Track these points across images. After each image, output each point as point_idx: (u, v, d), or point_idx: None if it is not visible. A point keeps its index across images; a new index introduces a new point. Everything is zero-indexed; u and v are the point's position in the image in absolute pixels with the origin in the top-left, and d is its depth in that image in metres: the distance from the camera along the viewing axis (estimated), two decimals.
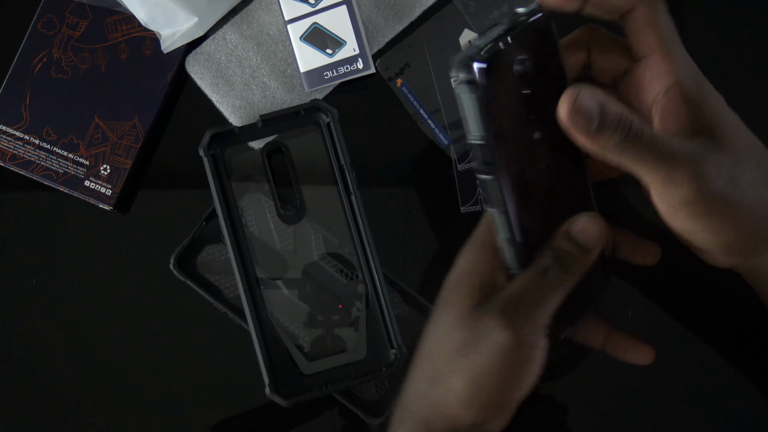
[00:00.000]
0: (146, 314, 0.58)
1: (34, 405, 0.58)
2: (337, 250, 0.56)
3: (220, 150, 0.55)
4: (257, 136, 0.56)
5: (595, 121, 0.37)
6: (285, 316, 0.55)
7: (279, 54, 0.59)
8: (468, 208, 0.57)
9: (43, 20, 0.58)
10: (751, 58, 0.59)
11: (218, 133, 0.55)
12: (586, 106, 0.37)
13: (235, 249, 0.54)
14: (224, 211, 0.54)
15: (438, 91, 0.58)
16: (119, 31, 0.58)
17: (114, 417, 0.58)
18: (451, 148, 0.58)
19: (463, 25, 0.58)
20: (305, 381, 0.54)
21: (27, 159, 0.57)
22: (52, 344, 0.58)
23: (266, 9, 0.59)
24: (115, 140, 0.58)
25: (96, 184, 0.57)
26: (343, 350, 0.55)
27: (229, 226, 0.54)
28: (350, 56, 0.57)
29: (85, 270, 0.59)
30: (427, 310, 0.55)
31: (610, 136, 0.37)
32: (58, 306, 0.58)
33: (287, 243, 0.56)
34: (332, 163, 0.56)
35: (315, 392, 0.53)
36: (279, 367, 0.54)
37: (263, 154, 0.55)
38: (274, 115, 0.55)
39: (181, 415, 0.58)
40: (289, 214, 0.55)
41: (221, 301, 0.55)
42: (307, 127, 0.56)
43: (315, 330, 0.55)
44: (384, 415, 0.54)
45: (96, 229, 0.59)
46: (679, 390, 0.57)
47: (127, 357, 0.58)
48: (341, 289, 0.55)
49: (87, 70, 0.58)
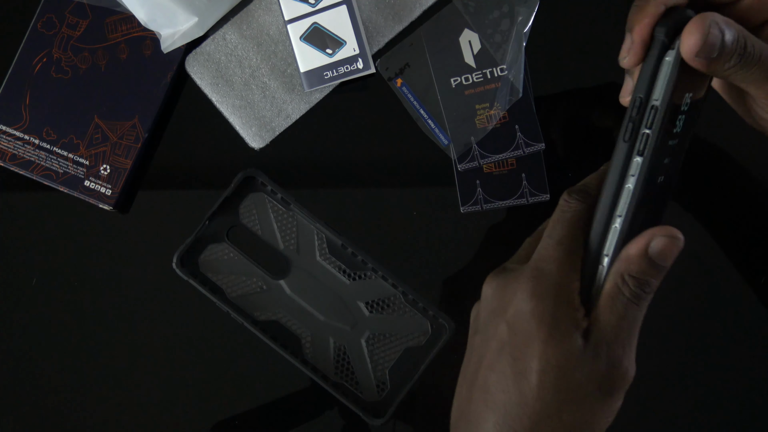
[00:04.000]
0: (147, 314, 0.58)
1: (34, 405, 0.58)
2: (340, 250, 0.56)
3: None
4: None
5: (716, 51, 0.37)
6: (289, 315, 0.55)
7: (279, 54, 0.59)
8: (468, 208, 0.57)
9: (43, 20, 0.58)
10: None
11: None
12: (713, 38, 0.37)
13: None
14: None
15: (438, 91, 0.58)
16: (119, 31, 0.58)
17: (115, 416, 0.58)
18: (451, 148, 0.58)
19: (463, 25, 0.58)
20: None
21: (27, 159, 0.57)
22: (52, 344, 0.58)
23: (266, 9, 0.59)
24: (115, 140, 0.57)
25: (96, 184, 0.57)
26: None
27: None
28: (350, 56, 0.57)
29: (86, 270, 0.58)
30: (427, 310, 0.55)
31: (726, 61, 0.38)
32: (58, 306, 0.58)
33: (290, 243, 0.56)
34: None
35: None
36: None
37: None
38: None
39: (182, 414, 0.58)
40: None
41: (223, 301, 0.55)
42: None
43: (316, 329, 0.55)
44: (385, 415, 0.54)
45: (96, 229, 0.59)
46: (680, 390, 0.57)
47: (128, 357, 0.58)
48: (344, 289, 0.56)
49: (87, 70, 0.58)
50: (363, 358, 0.55)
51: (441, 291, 0.58)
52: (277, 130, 0.58)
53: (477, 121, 0.58)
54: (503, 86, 0.57)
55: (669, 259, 0.39)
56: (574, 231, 0.40)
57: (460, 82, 0.58)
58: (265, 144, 0.58)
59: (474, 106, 0.58)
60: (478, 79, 0.58)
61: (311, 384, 0.57)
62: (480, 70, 0.58)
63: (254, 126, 0.58)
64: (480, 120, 0.58)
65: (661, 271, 0.39)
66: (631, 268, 0.39)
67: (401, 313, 0.56)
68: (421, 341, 0.56)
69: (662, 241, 0.39)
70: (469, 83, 0.58)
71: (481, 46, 0.58)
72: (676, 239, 0.39)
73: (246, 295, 0.56)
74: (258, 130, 0.58)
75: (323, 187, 0.59)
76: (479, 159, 0.57)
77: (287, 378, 0.57)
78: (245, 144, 0.58)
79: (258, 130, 0.58)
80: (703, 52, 0.37)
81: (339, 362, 0.55)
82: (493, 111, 0.58)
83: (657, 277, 0.39)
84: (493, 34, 0.58)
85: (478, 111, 0.58)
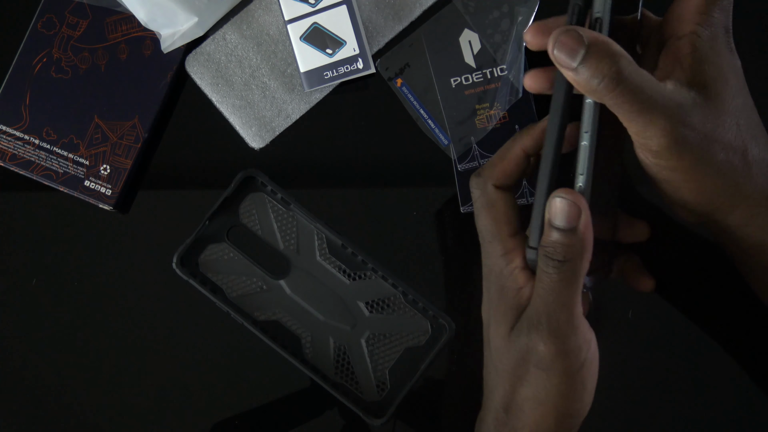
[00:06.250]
0: (147, 314, 0.58)
1: (34, 405, 0.58)
2: (340, 250, 0.56)
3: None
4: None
5: (578, 57, 0.38)
6: (288, 315, 0.55)
7: (279, 54, 0.59)
8: (468, 208, 0.57)
9: (43, 20, 0.58)
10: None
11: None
12: (569, 41, 0.38)
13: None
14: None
15: (438, 91, 0.58)
16: (119, 31, 0.58)
17: (115, 417, 0.58)
18: (451, 148, 0.58)
19: (463, 25, 0.58)
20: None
21: (27, 159, 0.57)
22: (52, 344, 0.58)
23: (266, 9, 0.59)
24: (115, 140, 0.57)
25: (96, 184, 0.57)
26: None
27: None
28: (350, 56, 0.57)
29: (86, 270, 0.58)
30: (427, 310, 0.55)
31: (593, 75, 0.38)
32: (58, 306, 0.58)
33: (290, 243, 0.56)
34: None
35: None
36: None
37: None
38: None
39: (182, 414, 0.58)
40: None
41: (223, 301, 0.55)
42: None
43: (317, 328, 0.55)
44: (385, 415, 0.54)
45: (96, 229, 0.59)
46: (680, 390, 0.57)
47: (128, 356, 0.58)
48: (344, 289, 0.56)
49: (87, 70, 0.58)
50: (363, 358, 0.55)
51: (441, 291, 0.58)
52: (277, 130, 0.58)
53: (477, 121, 0.58)
54: (503, 86, 0.57)
55: (565, 220, 0.40)
56: (495, 214, 0.44)
57: (460, 82, 0.58)
58: (265, 144, 0.58)
59: (474, 106, 0.58)
60: (478, 79, 0.58)
61: (311, 384, 0.57)
62: (480, 70, 0.58)
63: (254, 126, 0.58)
64: (480, 120, 0.58)
65: (566, 235, 0.40)
66: (543, 240, 0.41)
67: (401, 313, 0.56)
68: (421, 341, 0.56)
69: (552, 204, 0.41)
70: (469, 83, 0.58)
71: (481, 46, 0.58)
72: (562, 198, 0.40)
73: (246, 295, 0.56)
74: (258, 130, 0.58)
75: (323, 187, 0.59)
76: (479, 159, 0.58)
77: (287, 378, 0.57)
78: (245, 144, 0.58)
79: (258, 130, 0.58)
80: (562, 55, 0.39)
81: (339, 362, 0.55)
82: (493, 111, 0.58)
83: (567, 243, 0.40)
84: (493, 34, 0.58)
85: (478, 111, 0.58)
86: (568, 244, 0.40)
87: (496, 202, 0.44)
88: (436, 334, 0.55)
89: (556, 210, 0.40)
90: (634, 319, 0.57)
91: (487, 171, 0.45)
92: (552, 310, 0.40)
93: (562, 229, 0.40)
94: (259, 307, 0.56)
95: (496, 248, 0.44)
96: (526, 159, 0.45)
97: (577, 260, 0.40)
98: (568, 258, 0.40)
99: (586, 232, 0.40)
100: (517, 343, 0.41)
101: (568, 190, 0.41)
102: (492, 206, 0.44)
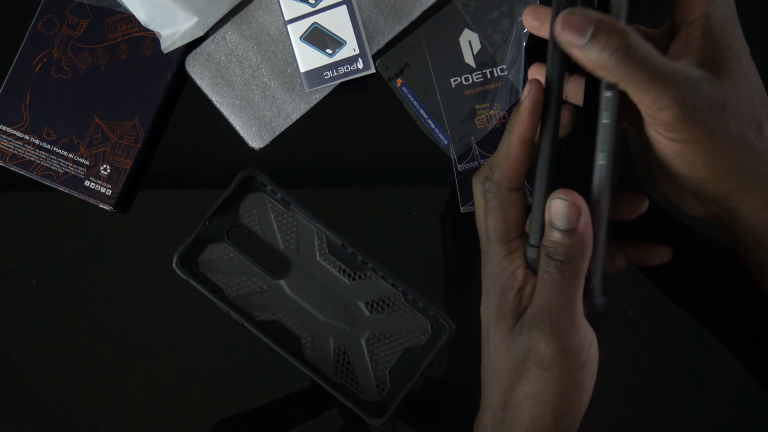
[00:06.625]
0: (147, 314, 0.58)
1: (34, 405, 0.58)
2: (340, 250, 0.56)
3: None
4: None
5: (587, 35, 0.37)
6: (289, 317, 0.55)
7: (279, 54, 0.59)
8: (468, 208, 0.57)
9: (43, 20, 0.58)
10: None
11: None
12: (577, 19, 0.38)
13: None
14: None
15: (438, 91, 0.58)
16: (119, 31, 0.58)
17: (115, 416, 0.58)
18: (451, 148, 0.58)
19: (463, 25, 0.58)
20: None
21: (27, 159, 0.57)
22: (52, 344, 0.58)
23: (266, 9, 0.59)
24: (115, 140, 0.57)
25: (96, 184, 0.57)
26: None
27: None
28: (350, 56, 0.57)
29: (86, 270, 0.58)
30: (427, 310, 0.55)
31: (601, 50, 0.38)
32: (58, 306, 0.58)
33: (290, 243, 0.56)
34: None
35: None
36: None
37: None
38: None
39: (182, 414, 0.58)
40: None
41: (223, 301, 0.55)
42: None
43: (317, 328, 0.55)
44: (385, 415, 0.54)
45: (96, 229, 0.59)
46: (680, 389, 0.57)
47: (128, 356, 0.58)
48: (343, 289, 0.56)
49: (87, 70, 0.58)
50: (363, 358, 0.55)
51: (441, 291, 0.58)
52: (277, 130, 0.58)
53: (477, 121, 0.58)
54: (503, 86, 0.57)
55: (565, 221, 0.40)
56: (506, 216, 0.43)
57: (460, 82, 0.58)
58: (265, 144, 0.58)
59: (474, 106, 0.58)
60: (478, 79, 0.58)
61: (311, 384, 0.57)
62: (480, 70, 0.58)
63: (254, 126, 0.58)
64: (480, 120, 0.58)
65: (567, 236, 0.40)
66: (544, 240, 0.41)
67: (401, 313, 0.56)
68: (421, 341, 0.56)
69: (552, 206, 0.41)
70: (469, 83, 0.58)
71: (481, 46, 0.58)
72: (561, 200, 0.40)
73: (246, 295, 0.56)
74: (258, 130, 0.58)
75: (323, 187, 0.59)
76: (479, 159, 0.58)
77: (287, 378, 0.57)
78: (245, 144, 0.58)
79: (258, 130, 0.58)
80: (569, 35, 0.39)
81: (339, 362, 0.55)
82: (493, 111, 0.58)
83: (568, 244, 0.40)
84: (493, 34, 0.58)
85: (478, 111, 0.58)
86: (569, 244, 0.40)
87: (510, 204, 0.43)
88: (436, 334, 0.55)
89: (556, 211, 0.41)
90: (634, 319, 0.57)
91: (497, 173, 0.44)
92: (554, 309, 0.40)
93: (563, 230, 0.40)
94: (259, 307, 0.56)
95: (501, 249, 0.44)
96: (529, 148, 0.44)
97: (578, 260, 0.40)
98: (570, 258, 0.40)
99: (586, 232, 0.40)
100: (518, 342, 0.41)
101: (567, 191, 0.41)
102: (504, 208, 0.43)
